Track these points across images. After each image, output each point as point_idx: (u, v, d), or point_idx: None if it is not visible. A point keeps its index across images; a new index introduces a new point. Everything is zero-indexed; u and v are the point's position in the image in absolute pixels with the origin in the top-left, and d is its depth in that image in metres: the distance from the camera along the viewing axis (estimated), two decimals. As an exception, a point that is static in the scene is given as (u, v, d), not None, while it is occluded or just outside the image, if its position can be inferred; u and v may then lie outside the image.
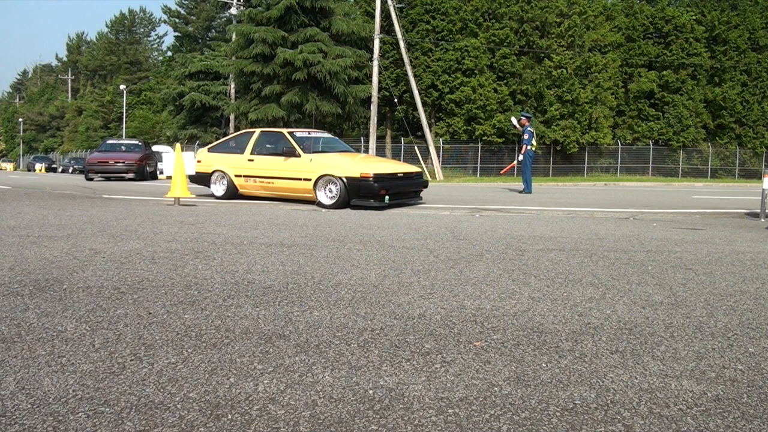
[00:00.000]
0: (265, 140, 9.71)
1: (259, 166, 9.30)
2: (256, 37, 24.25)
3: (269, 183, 9.17)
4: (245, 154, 9.49)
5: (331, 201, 8.41)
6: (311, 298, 2.91)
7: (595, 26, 28.39)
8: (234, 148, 9.88)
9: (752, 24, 30.24)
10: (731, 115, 29.53)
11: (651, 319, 2.64)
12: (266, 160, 9.29)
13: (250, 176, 9.34)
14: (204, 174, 9.93)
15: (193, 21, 49.44)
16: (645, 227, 6.39)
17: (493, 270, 3.69)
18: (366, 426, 1.60)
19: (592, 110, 27.62)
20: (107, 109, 52.63)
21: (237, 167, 9.53)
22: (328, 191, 8.53)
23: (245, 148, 9.56)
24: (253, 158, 9.39)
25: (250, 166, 9.37)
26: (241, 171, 9.47)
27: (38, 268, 3.48)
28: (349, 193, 8.30)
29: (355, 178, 8.25)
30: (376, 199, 8.27)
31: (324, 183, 8.54)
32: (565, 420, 1.65)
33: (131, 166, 17.78)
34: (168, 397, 1.75)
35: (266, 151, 9.53)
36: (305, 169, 8.75)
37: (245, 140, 9.79)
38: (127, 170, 17.68)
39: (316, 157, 8.91)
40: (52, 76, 78.28)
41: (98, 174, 17.24)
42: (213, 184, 9.78)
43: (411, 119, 27.15)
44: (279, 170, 9.05)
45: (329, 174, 8.48)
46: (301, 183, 8.79)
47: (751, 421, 1.68)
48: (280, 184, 9.07)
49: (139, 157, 18.84)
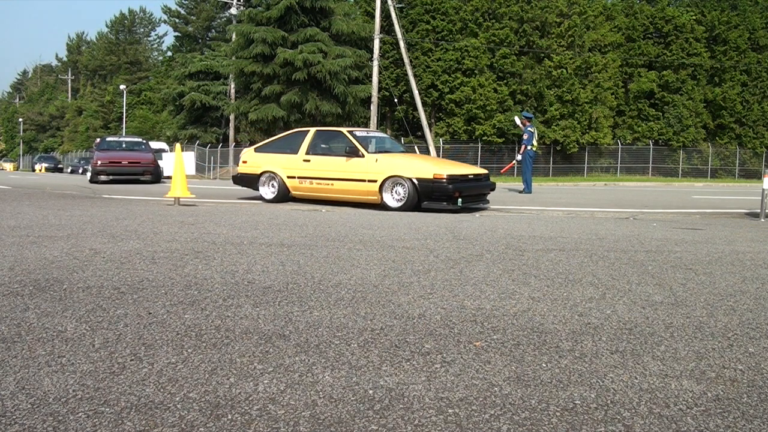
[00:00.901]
0: (321, 139, 9.25)
1: (316, 166, 8.82)
2: (256, 37, 24.26)
3: (327, 185, 8.71)
4: (299, 154, 9.00)
5: (398, 203, 8.06)
6: (311, 298, 2.91)
7: (595, 26, 28.39)
8: (285, 148, 9.39)
9: (752, 24, 30.24)
10: (731, 115, 29.53)
11: (651, 319, 2.65)
12: (324, 160, 8.83)
13: (305, 177, 8.89)
14: (250, 175, 9.45)
15: (193, 21, 49.44)
16: (645, 227, 6.39)
17: (493, 270, 3.69)
18: (366, 426, 1.60)
19: (592, 110, 27.62)
20: (107, 109, 52.64)
21: (290, 168, 9.04)
22: (395, 193, 8.16)
23: (299, 147, 9.07)
24: (309, 158, 8.91)
25: (305, 167, 8.90)
26: (295, 172, 8.99)
27: (38, 268, 3.48)
28: (420, 195, 7.97)
29: (427, 179, 7.91)
30: (449, 201, 7.92)
31: (391, 184, 8.16)
32: (565, 420, 1.65)
33: (148, 167, 15.84)
34: (168, 397, 1.75)
35: (323, 150, 9.07)
36: (370, 170, 8.31)
37: (298, 140, 9.28)
38: (143, 171, 15.70)
39: (382, 157, 8.49)
40: (52, 76, 78.29)
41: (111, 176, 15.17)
42: (261, 186, 9.31)
43: (411, 119, 27.15)
44: (339, 171, 8.57)
45: (398, 175, 8.09)
46: (364, 185, 8.36)
47: (751, 421, 1.68)
48: (340, 186, 8.62)
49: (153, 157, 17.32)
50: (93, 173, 15.54)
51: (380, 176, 8.22)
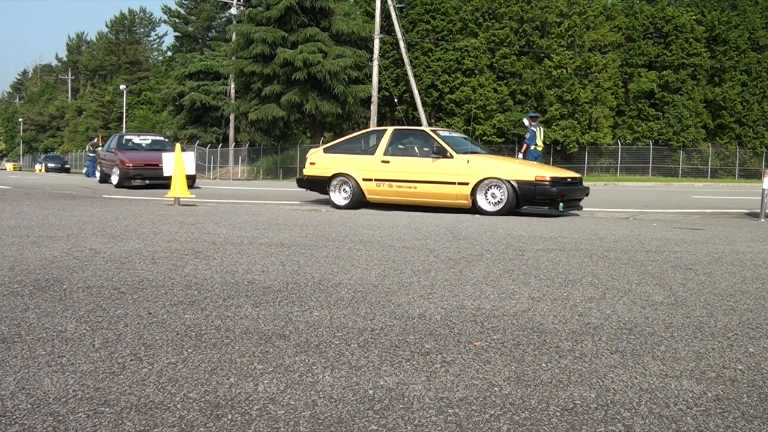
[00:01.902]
0: (401, 139, 8.73)
1: (397, 168, 8.22)
2: (256, 37, 24.28)
3: (411, 188, 8.14)
4: (377, 155, 8.41)
5: (494, 207, 7.57)
6: (311, 298, 2.91)
7: (595, 26, 28.41)
8: (358, 148, 8.92)
9: (752, 24, 30.25)
10: (731, 115, 29.54)
11: (651, 319, 2.64)
12: (407, 161, 8.27)
13: (384, 180, 8.28)
14: (319, 178, 8.81)
15: (193, 21, 49.45)
16: (645, 227, 6.39)
17: (493, 270, 3.69)
18: (366, 426, 1.60)
19: (592, 110, 27.64)
20: (107, 109, 52.66)
21: (366, 170, 8.42)
22: (490, 196, 7.66)
23: (376, 148, 8.52)
24: (389, 159, 8.31)
25: (384, 169, 8.29)
26: (372, 174, 8.37)
27: (38, 268, 3.48)
28: (519, 198, 7.51)
29: (528, 181, 7.45)
30: (552, 205, 7.51)
31: (485, 187, 7.66)
32: (565, 420, 1.65)
33: None
34: (168, 397, 1.75)
35: (404, 151, 8.56)
36: (461, 171, 7.78)
37: (374, 139, 8.78)
38: None
39: (475, 158, 7.95)
40: (52, 76, 78.32)
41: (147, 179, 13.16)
42: (332, 190, 8.69)
43: (411, 119, 27.16)
44: (424, 173, 8.02)
45: (494, 177, 7.60)
46: (453, 188, 7.84)
47: (751, 421, 1.68)
48: (425, 189, 8.05)
49: None
50: (122, 176, 13.37)
51: (473, 178, 7.71)
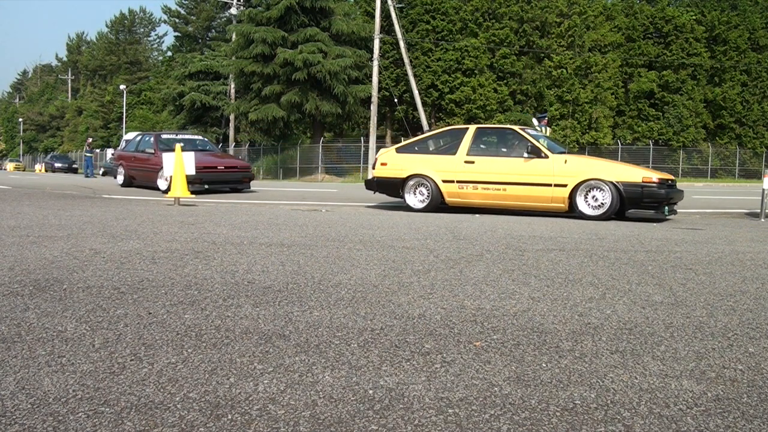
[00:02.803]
0: (485, 138, 8.22)
1: (483, 169, 7.69)
2: (256, 37, 24.28)
3: (499, 190, 7.61)
4: (458, 154, 7.88)
5: (596, 211, 7.09)
6: (311, 298, 2.91)
7: (595, 26, 28.42)
8: (435, 148, 8.38)
9: (752, 24, 30.27)
10: (731, 115, 29.55)
11: (651, 319, 2.64)
12: (495, 162, 7.73)
13: (468, 182, 7.76)
14: (393, 180, 8.27)
15: (193, 21, 49.46)
16: (645, 227, 6.39)
17: (493, 270, 3.69)
18: (366, 426, 1.60)
19: (592, 110, 27.65)
20: (107, 109, 52.66)
21: (447, 171, 7.89)
22: (591, 199, 7.18)
23: (457, 147, 7.96)
24: (473, 160, 7.78)
25: (468, 170, 7.77)
26: (454, 176, 7.84)
27: (38, 268, 3.48)
28: (625, 201, 7.06)
29: (635, 183, 7.03)
30: (659, 209, 7.09)
31: (585, 189, 7.18)
32: (565, 420, 1.65)
33: (246, 172, 12.69)
34: (168, 397, 1.75)
35: (489, 151, 8.02)
36: (558, 172, 7.31)
37: (455, 138, 8.22)
38: (242, 177, 12.53)
39: (573, 158, 7.55)
40: (52, 76, 78.33)
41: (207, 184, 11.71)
42: (408, 192, 8.16)
43: (411, 119, 27.17)
44: (515, 174, 7.51)
45: (596, 178, 7.13)
46: (549, 190, 7.36)
47: (751, 421, 1.68)
48: (516, 192, 7.54)
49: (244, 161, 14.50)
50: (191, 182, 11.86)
51: (572, 180, 7.23)
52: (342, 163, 27.51)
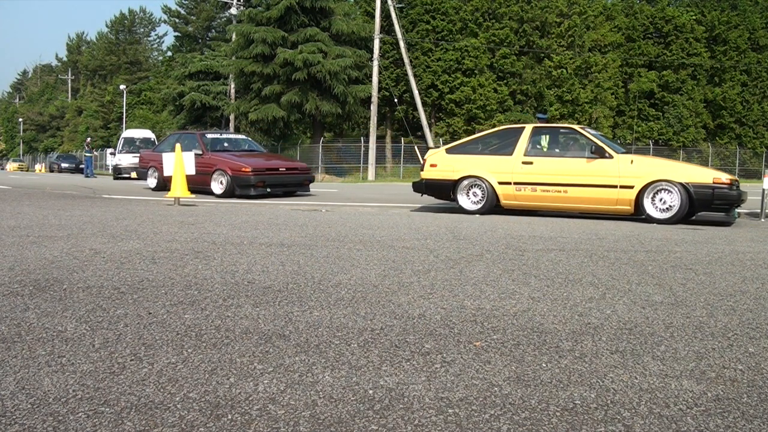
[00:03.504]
0: (543, 138, 7.86)
1: (543, 170, 7.39)
2: (256, 37, 24.28)
3: (559, 192, 7.30)
4: (515, 155, 7.59)
5: (664, 214, 6.80)
6: (311, 298, 2.91)
7: (595, 26, 28.42)
8: (488, 148, 8.06)
9: (752, 24, 30.27)
10: (731, 115, 29.57)
11: (651, 319, 2.65)
12: (555, 162, 7.44)
13: (526, 184, 7.46)
14: (443, 182, 7.99)
15: (193, 21, 49.45)
16: (645, 227, 6.39)
17: (493, 270, 3.69)
18: (366, 426, 1.60)
19: (592, 110, 27.65)
20: (107, 109, 52.66)
21: (503, 172, 7.59)
22: (659, 202, 6.86)
23: (513, 147, 7.67)
24: (531, 160, 7.49)
25: (526, 171, 7.47)
26: (511, 177, 7.54)
27: (38, 268, 3.48)
28: (694, 203, 6.77)
29: (705, 185, 6.73)
30: (729, 211, 6.88)
31: (652, 191, 6.87)
32: (565, 420, 1.65)
33: (307, 175, 11.79)
34: (168, 397, 1.75)
35: (548, 151, 7.72)
36: (624, 173, 7.00)
37: (510, 138, 7.90)
38: (304, 180, 11.63)
39: (639, 159, 7.24)
40: (52, 76, 78.32)
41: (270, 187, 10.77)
42: (461, 194, 7.85)
43: (411, 119, 27.17)
44: (578, 176, 7.21)
45: (664, 179, 6.81)
46: (614, 192, 7.04)
47: (751, 421, 1.68)
48: (578, 194, 7.23)
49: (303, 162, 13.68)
50: (238, 184, 10.53)
51: (638, 181, 6.91)
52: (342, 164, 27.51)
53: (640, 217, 7.06)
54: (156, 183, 12.29)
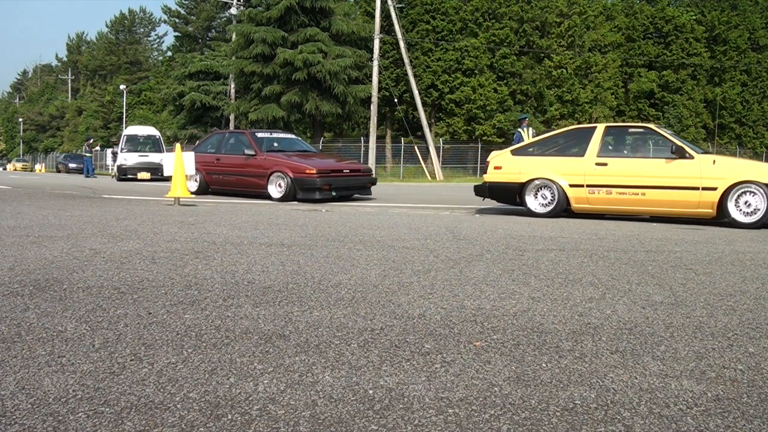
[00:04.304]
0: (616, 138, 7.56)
1: (618, 172, 7.03)
2: (256, 37, 24.28)
3: (636, 195, 6.94)
4: (587, 156, 7.24)
5: (749, 218, 6.48)
6: (311, 298, 2.91)
7: (595, 26, 28.43)
8: (556, 149, 7.75)
9: (752, 24, 30.28)
10: (731, 115, 29.57)
11: (651, 319, 2.65)
12: (631, 164, 7.09)
13: (600, 186, 7.10)
14: (509, 185, 7.66)
15: (193, 21, 49.45)
16: (645, 227, 6.39)
17: (493, 270, 3.69)
18: (366, 426, 1.60)
19: (592, 110, 27.65)
20: (107, 109, 52.67)
21: (575, 174, 7.25)
22: (744, 205, 6.51)
23: (585, 148, 7.32)
24: (605, 161, 7.14)
25: (599, 173, 7.10)
26: (583, 179, 7.19)
27: (38, 268, 3.48)
28: None
29: None
30: None
31: (736, 193, 6.53)
32: (565, 420, 1.65)
33: (370, 177, 10.97)
34: (168, 397, 1.75)
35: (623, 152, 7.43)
36: (707, 174, 6.65)
37: (580, 139, 7.56)
38: (367, 182, 10.78)
39: (721, 159, 6.92)
40: (52, 76, 78.32)
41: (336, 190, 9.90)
42: (528, 196, 7.52)
43: (411, 119, 27.17)
44: (656, 177, 6.85)
45: (750, 181, 6.46)
46: (696, 194, 6.68)
47: (751, 421, 1.68)
48: (656, 196, 6.87)
49: None
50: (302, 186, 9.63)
51: (722, 183, 6.55)
52: (342, 163, 27.46)
53: (722, 221, 6.72)
54: (198, 186, 11.20)
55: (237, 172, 10.70)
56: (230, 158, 10.90)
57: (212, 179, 11.16)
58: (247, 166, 10.47)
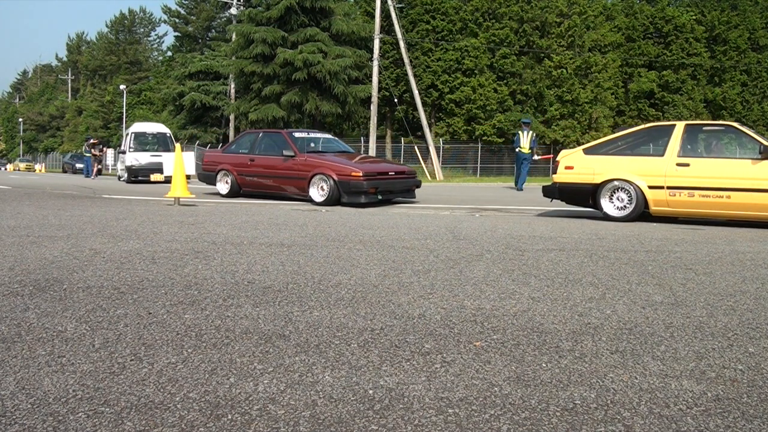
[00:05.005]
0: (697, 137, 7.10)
1: (702, 173, 6.61)
2: (256, 37, 24.29)
3: (721, 198, 6.54)
4: (667, 156, 6.80)
5: None
6: (311, 298, 2.91)
7: (595, 26, 28.42)
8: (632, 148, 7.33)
9: (752, 24, 30.27)
10: (731, 115, 29.55)
11: (651, 319, 2.65)
12: (715, 164, 6.63)
13: (682, 188, 6.69)
14: (582, 186, 7.25)
15: (193, 21, 49.44)
16: (645, 227, 6.39)
17: (493, 270, 3.69)
18: (366, 426, 1.60)
19: (592, 110, 27.65)
20: (107, 109, 52.68)
21: (654, 175, 6.81)
22: None
23: (664, 147, 6.90)
24: (687, 162, 6.69)
25: (681, 174, 6.68)
26: (663, 181, 6.77)
27: (38, 268, 3.48)
28: None
29: None
30: None
31: None
32: (565, 420, 1.65)
33: (414, 179, 10.22)
34: (168, 397, 1.75)
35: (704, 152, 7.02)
36: None
37: (658, 137, 7.20)
38: (413, 184, 10.13)
39: None
40: (52, 76, 78.32)
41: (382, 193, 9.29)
42: (604, 198, 7.11)
43: (411, 119, 27.17)
44: (743, 179, 6.45)
45: None
46: None
47: (751, 421, 1.68)
48: (743, 199, 6.46)
49: None
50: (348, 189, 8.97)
51: None
52: (342, 163, 27.47)
53: None
54: (229, 188, 10.64)
55: (274, 174, 10.07)
56: (266, 159, 10.25)
57: (245, 181, 10.54)
58: (286, 168, 9.86)
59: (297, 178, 9.61)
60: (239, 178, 10.60)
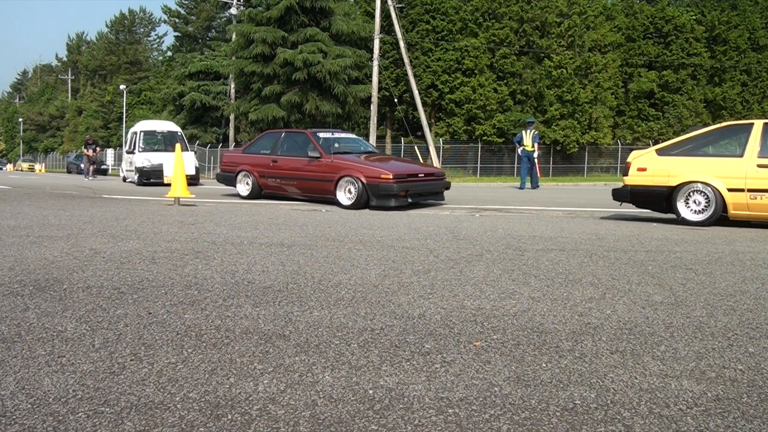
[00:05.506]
0: None
1: None
2: (256, 37, 24.27)
3: None
4: (747, 156, 6.39)
5: None
6: (311, 298, 2.91)
7: (595, 26, 28.41)
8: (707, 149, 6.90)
9: (752, 24, 30.27)
10: (731, 115, 29.54)
11: (651, 319, 2.64)
12: None
13: (764, 191, 6.28)
14: (656, 189, 6.82)
15: (193, 21, 49.43)
16: (645, 227, 6.39)
17: (493, 270, 3.69)
18: (366, 426, 1.60)
19: (592, 110, 27.64)
20: (107, 109, 52.68)
21: (732, 177, 6.38)
22: None
23: (743, 148, 6.49)
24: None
25: (764, 176, 6.27)
26: (743, 183, 6.32)
27: (38, 268, 3.48)
28: None
29: None
30: None
31: None
32: (565, 420, 1.65)
33: (444, 181, 9.72)
34: (168, 397, 1.75)
35: None
36: None
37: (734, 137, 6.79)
38: (442, 186, 9.62)
39: None
40: (52, 76, 78.29)
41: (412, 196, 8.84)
42: (680, 201, 6.68)
43: (411, 119, 27.17)
44: None
45: None
46: None
47: (751, 421, 1.68)
48: None
49: None
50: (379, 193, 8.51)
51: None
52: (342, 163, 27.46)
53: None
54: (250, 190, 10.32)
55: (299, 176, 9.65)
56: (290, 160, 9.82)
57: (267, 183, 10.15)
58: (312, 170, 9.42)
59: (323, 180, 9.19)
60: (260, 180, 10.24)
